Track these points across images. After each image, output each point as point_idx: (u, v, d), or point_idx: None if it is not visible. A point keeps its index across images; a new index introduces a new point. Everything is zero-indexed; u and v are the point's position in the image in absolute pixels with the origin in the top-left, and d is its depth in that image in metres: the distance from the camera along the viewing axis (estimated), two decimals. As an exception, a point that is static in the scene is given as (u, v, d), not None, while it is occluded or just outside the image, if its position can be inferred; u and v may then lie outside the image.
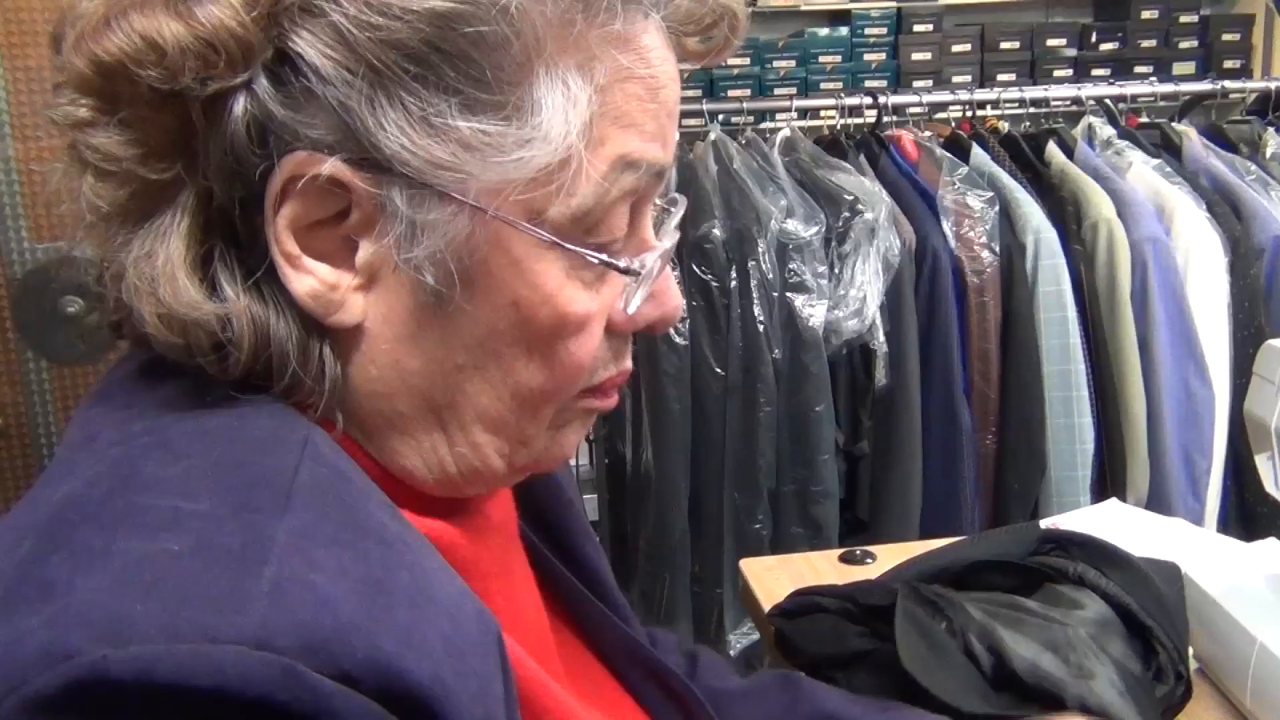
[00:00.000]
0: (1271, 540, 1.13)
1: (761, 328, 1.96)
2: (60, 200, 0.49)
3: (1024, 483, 2.01)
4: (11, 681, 0.35)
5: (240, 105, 0.45)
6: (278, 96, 0.45)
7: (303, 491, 0.42)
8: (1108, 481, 2.00)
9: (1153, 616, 0.90)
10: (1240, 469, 2.02)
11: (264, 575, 0.38)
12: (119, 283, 0.48)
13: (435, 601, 0.42)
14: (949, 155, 2.12)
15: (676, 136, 0.52)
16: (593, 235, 0.49)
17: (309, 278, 0.47)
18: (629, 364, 0.56)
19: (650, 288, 0.53)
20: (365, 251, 0.48)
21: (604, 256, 0.49)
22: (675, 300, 0.55)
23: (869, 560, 1.23)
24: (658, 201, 0.55)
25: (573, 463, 0.72)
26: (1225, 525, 2.02)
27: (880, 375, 2.00)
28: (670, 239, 0.54)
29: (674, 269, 1.97)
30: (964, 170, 2.08)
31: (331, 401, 0.49)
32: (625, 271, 0.51)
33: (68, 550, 0.39)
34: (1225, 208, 2.03)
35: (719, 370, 1.99)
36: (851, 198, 2.00)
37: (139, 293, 0.47)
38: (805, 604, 0.95)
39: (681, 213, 0.57)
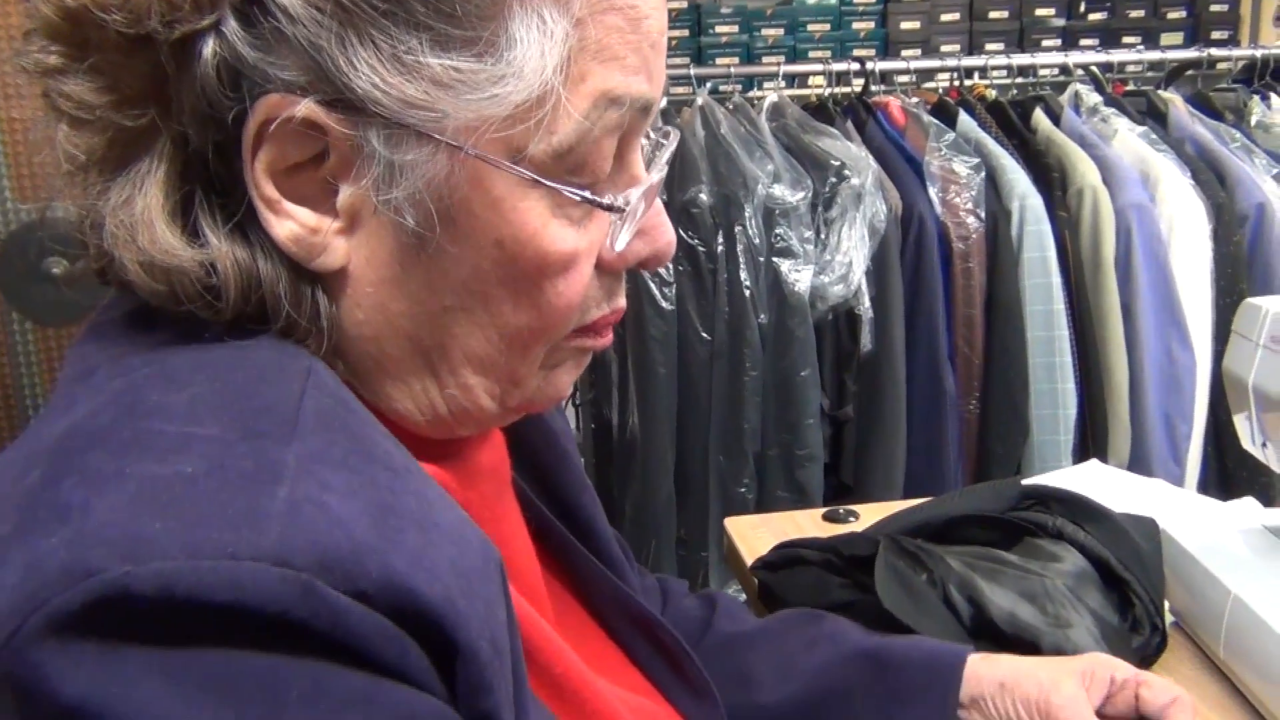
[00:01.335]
0: (1248, 499, 1.14)
1: (748, 293, 1.97)
2: (44, 161, 0.49)
3: (1007, 447, 2.02)
4: (34, 601, 0.36)
5: (209, 48, 0.44)
6: (247, 38, 0.45)
7: (309, 418, 0.43)
8: (1089, 446, 2.02)
9: (1130, 569, 0.92)
10: (1220, 434, 2.04)
11: (279, 495, 0.39)
12: (99, 231, 0.48)
13: (440, 527, 0.42)
14: (936, 121, 2.12)
15: (665, 69, 0.51)
16: (577, 173, 0.49)
17: (290, 222, 0.47)
18: (622, 302, 0.55)
19: (640, 224, 0.52)
20: (345, 194, 0.47)
21: (586, 194, 0.49)
22: (667, 236, 0.54)
23: (852, 519, 1.24)
24: (651, 134, 0.54)
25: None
26: (1205, 489, 2.04)
27: (865, 340, 2.00)
28: (659, 173, 0.53)
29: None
30: (950, 136, 2.08)
31: (330, 342, 0.49)
32: (609, 208, 0.50)
33: (79, 475, 0.39)
34: (1209, 175, 2.04)
35: (705, 335, 2.00)
36: (838, 163, 2.00)
37: (119, 241, 0.46)
38: (788, 556, 0.97)
39: (674, 146, 0.56)
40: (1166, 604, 0.96)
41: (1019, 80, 2.30)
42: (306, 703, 0.37)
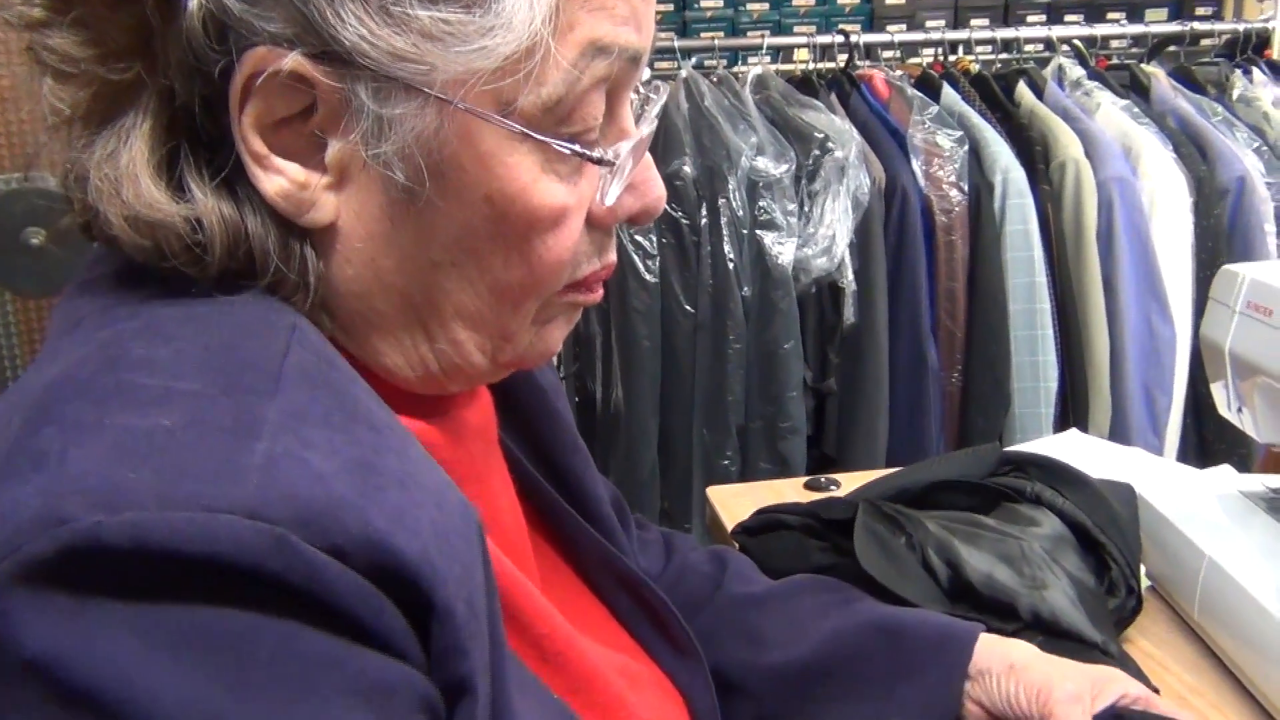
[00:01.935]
0: (1225, 467, 1.16)
1: (731, 265, 1.97)
2: (24, 130, 0.49)
3: (988, 420, 2.04)
4: (5, 547, 0.35)
5: (195, 1, 0.44)
6: None
7: (292, 374, 0.43)
8: (1070, 419, 2.03)
9: (1106, 533, 0.92)
10: (1199, 406, 2.05)
11: (257, 450, 0.38)
12: (84, 184, 0.47)
13: (422, 487, 0.42)
14: (920, 94, 2.12)
15: (654, 21, 0.50)
16: (566, 125, 0.48)
17: (279, 177, 0.47)
18: (613, 257, 0.55)
19: (630, 178, 0.52)
20: (334, 149, 0.47)
21: (575, 147, 0.48)
22: (657, 190, 0.54)
23: (833, 487, 1.25)
24: (640, 89, 0.54)
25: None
26: (1184, 461, 2.05)
27: (848, 313, 2.01)
28: (649, 126, 0.53)
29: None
30: (934, 109, 2.08)
31: (317, 299, 0.49)
32: (599, 162, 0.50)
33: (59, 424, 0.39)
34: (1191, 148, 2.05)
35: (689, 308, 2.00)
36: (822, 136, 2.00)
37: (103, 194, 0.46)
38: (768, 521, 0.97)
39: (664, 101, 0.56)
40: (1143, 568, 0.97)
41: (1003, 56, 2.30)
42: (275, 663, 0.37)
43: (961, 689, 0.71)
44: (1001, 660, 0.71)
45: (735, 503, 1.22)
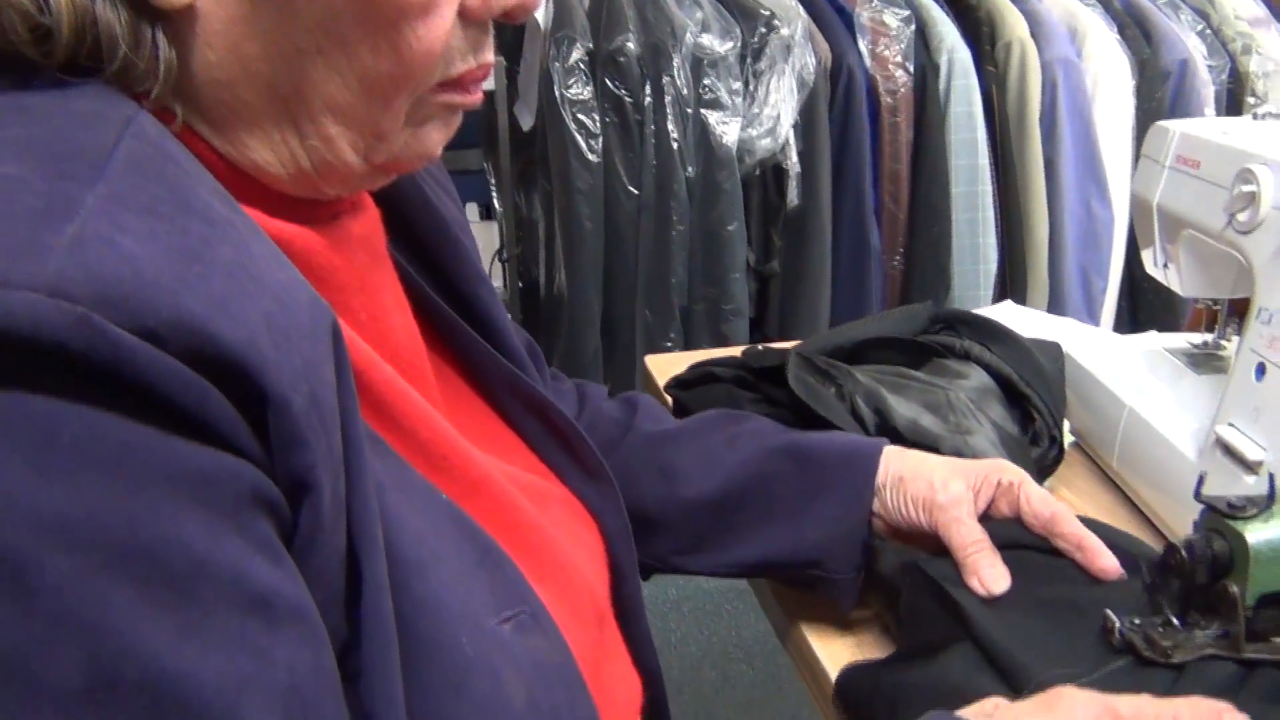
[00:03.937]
0: (1151, 332, 1.18)
1: (675, 145, 1.95)
2: None
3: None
4: None
5: None
6: None
7: (120, 163, 0.41)
8: (1008, 300, 2.06)
9: (1031, 386, 0.94)
10: (1135, 290, 2.09)
11: (66, 232, 0.37)
12: None
13: (259, 281, 0.41)
14: (868, -28, 2.09)
15: None
16: None
17: None
18: (489, 57, 0.54)
19: None
20: None
21: None
22: None
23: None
24: None
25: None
26: (1117, 342, 2.10)
27: (792, 195, 2.01)
28: None
29: (587, 83, 1.94)
30: (882, -12, 2.05)
31: (166, 88, 0.47)
32: None
33: None
34: (1136, 30, 2.05)
35: (632, 188, 1.98)
36: (768, 13, 1.97)
37: None
38: (701, 374, 0.98)
39: None
40: (1067, 424, 0.99)
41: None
42: (81, 447, 0.35)
43: (871, 499, 0.73)
44: (895, 475, 0.74)
45: (672, 369, 1.22)
